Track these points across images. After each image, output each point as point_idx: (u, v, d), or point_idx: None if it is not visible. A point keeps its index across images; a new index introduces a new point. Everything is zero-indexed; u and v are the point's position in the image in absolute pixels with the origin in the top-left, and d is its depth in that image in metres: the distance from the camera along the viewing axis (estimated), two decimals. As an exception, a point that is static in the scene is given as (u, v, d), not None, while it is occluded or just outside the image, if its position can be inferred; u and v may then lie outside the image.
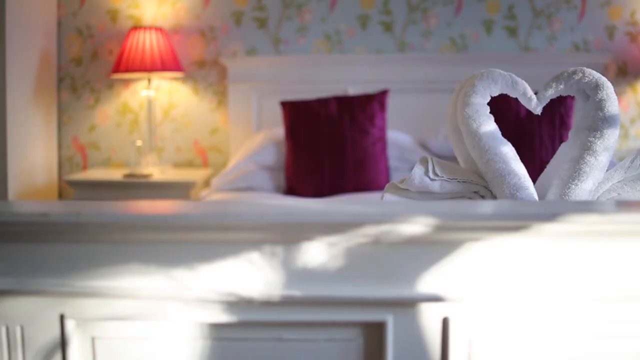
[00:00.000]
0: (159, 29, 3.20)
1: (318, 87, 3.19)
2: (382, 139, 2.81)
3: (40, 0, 3.25)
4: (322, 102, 2.82)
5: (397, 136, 2.98)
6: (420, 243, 0.93)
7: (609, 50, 3.42)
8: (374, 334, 0.97)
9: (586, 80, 1.28)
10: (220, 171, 3.31)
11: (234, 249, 0.95)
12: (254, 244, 0.95)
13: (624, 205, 1.02)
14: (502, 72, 1.36)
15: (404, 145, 2.93)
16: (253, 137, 3.16)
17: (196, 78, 3.42)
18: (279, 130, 3.00)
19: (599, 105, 1.28)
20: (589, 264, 0.94)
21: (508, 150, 1.31)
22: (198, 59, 3.42)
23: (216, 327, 0.97)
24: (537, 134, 2.78)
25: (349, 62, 3.33)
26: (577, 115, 1.34)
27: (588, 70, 1.30)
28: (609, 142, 1.27)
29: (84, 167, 3.50)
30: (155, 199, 2.98)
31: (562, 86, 1.34)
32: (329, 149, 2.73)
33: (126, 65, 3.10)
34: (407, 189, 1.35)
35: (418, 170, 1.34)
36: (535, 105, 1.37)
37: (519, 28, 3.40)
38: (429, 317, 0.96)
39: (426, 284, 0.95)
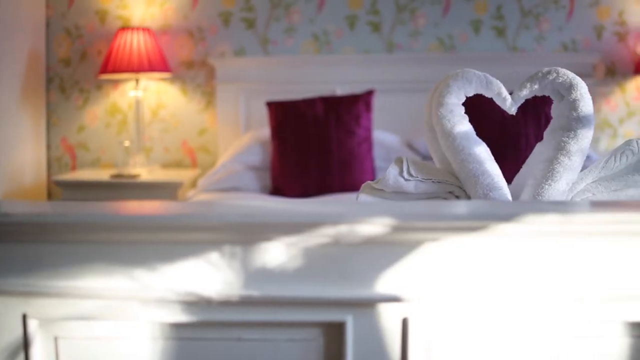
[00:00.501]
0: (146, 29, 3.20)
1: (306, 87, 3.19)
2: (368, 139, 2.82)
3: (28, 1, 3.25)
4: (308, 103, 2.82)
5: (384, 136, 2.99)
6: (379, 243, 0.94)
7: (598, 50, 3.43)
8: (334, 334, 0.97)
9: (560, 81, 1.27)
10: (208, 171, 3.31)
11: (194, 249, 0.95)
12: (213, 245, 0.95)
13: (583, 205, 1.02)
14: (476, 72, 1.36)
15: (390, 146, 2.94)
16: (241, 138, 3.16)
17: (184, 79, 3.43)
18: (265, 131, 3.01)
19: (573, 105, 1.28)
20: (544, 263, 0.94)
21: (482, 151, 1.31)
22: (186, 59, 3.42)
23: (177, 327, 0.98)
24: (523, 134, 2.78)
25: (337, 62, 3.33)
26: (553, 115, 1.35)
27: (562, 70, 1.30)
28: (582, 142, 1.28)
29: (73, 168, 3.50)
30: (143, 199, 2.98)
31: (536, 86, 1.34)
32: (315, 149, 2.74)
33: (114, 65, 3.10)
34: (382, 190, 1.36)
35: (392, 171, 1.35)
36: (509, 105, 1.37)
37: (507, 28, 3.41)
38: (389, 318, 0.96)
39: (385, 284, 0.95)
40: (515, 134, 2.79)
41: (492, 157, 1.34)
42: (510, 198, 1.29)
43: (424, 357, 0.98)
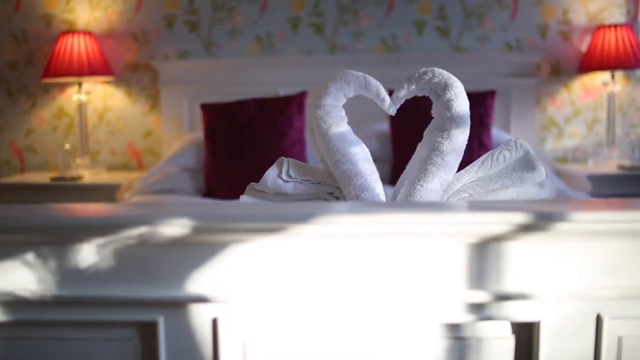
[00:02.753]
0: (88, 33, 3.22)
1: (250, 89, 3.20)
2: (301, 141, 2.83)
3: (-28, 6, 3.27)
4: (241, 105, 2.84)
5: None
6: (184, 245, 0.95)
7: (542, 49, 3.44)
8: (148, 334, 0.99)
9: (436, 80, 1.26)
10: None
11: (10, 250, 0.97)
12: (29, 246, 0.97)
13: (388, 206, 1.04)
14: (356, 73, 1.36)
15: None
16: (183, 140, 3.18)
17: (129, 82, 3.44)
18: (202, 133, 3.03)
19: (447, 105, 1.27)
20: (351, 264, 0.96)
21: (357, 152, 1.32)
22: (131, 62, 3.44)
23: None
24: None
25: (280, 64, 3.35)
26: (433, 116, 1.35)
27: (438, 70, 1.28)
28: (456, 142, 1.28)
29: (22, 171, 3.52)
30: (83, 201, 2.99)
31: (413, 87, 1.32)
32: (248, 150, 2.75)
33: (55, 69, 3.12)
34: (264, 191, 1.37)
35: (271, 172, 1.36)
36: (388, 106, 1.37)
37: (450, 28, 3.42)
38: (199, 318, 0.98)
39: (193, 285, 0.96)
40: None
41: (370, 158, 1.35)
42: (383, 198, 1.30)
43: (239, 357, 0.99)
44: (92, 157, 3.46)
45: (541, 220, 0.92)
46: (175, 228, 0.93)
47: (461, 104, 1.27)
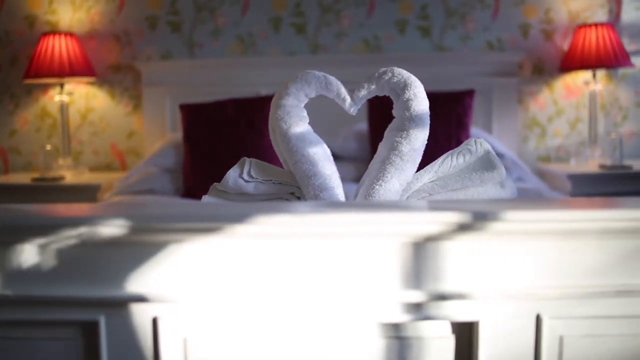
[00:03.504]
0: (69, 34, 3.22)
1: (232, 89, 3.21)
2: (279, 141, 2.83)
3: (-45, 7, 3.28)
4: (220, 105, 2.85)
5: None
6: (124, 245, 0.96)
7: (524, 48, 3.45)
8: (90, 333, 1.00)
9: (395, 80, 1.25)
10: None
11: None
12: (-27, 246, 0.98)
13: (324, 206, 1.04)
14: (316, 73, 1.37)
15: (304, 147, 2.95)
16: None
17: (112, 82, 3.45)
18: (181, 134, 3.03)
19: (406, 105, 1.27)
20: (282, 263, 0.96)
21: (317, 152, 1.32)
22: (113, 63, 3.44)
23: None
24: (432, 133, 2.79)
25: (262, 64, 3.36)
26: (394, 115, 1.34)
27: (398, 70, 1.28)
28: (415, 142, 1.27)
29: (6, 172, 3.53)
30: (64, 202, 3.00)
31: (373, 86, 1.32)
32: (226, 150, 2.76)
33: (36, 71, 3.13)
34: (226, 191, 1.37)
35: (232, 172, 1.37)
36: (349, 106, 1.37)
37: (432, 28, 3.43)
38: (139, 317, 0.99)
39: (133, 284, 0.97)
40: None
41: (331, 158, 1.35)
42: (342, 198, 1.30)
43: (180, 355, 1.00)
44: (75, 158, 3.47)
45: (476, 219, 0.93)
46: (113, 228, 0.94)
47: (420, 104, 1.26)
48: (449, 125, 2.85)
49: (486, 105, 3.35)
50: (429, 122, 1.30)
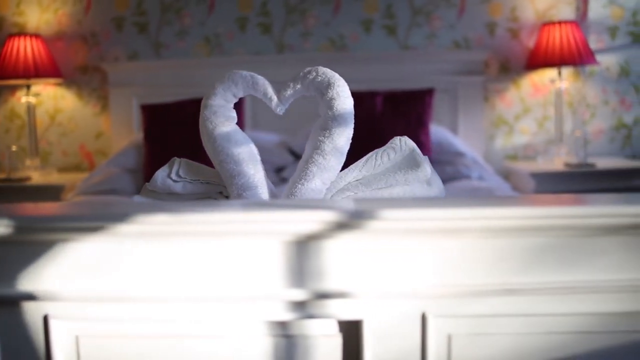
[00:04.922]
0: (35, 36, 3.24)
1: (198, 90, 3.19)
2: (239, 140, 2.84)
3: None
4: (180, 105, 2.86)
5: (259, 136, 3.01)
6: (13, 243, 0.97)
7: (490, 47, 3.46)
8: (-18, 332, 1.01)
9: (319, 79, 1.26)
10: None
11: None
12: None
13: (209, 206, 1.06)
14: (244, 73, 1.38)
15: (264, 146, 2.96)
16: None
17: (80, 83, 3.47)
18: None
19: (329, 104, 1.28)
20: (168, 262, 0.98)
21: (242, 151, 1.33)
22: (81, 64, 3.46)
23: None
24: (391, 131, 2.81)
25: (228, 64, 3.36)
26: (320, 114, 1.35)
27: (322, 69, 1.28)
28: (338, 141, 1.28)
29: (-24, 173, 3.54)
30: (30, 202, 3.01)
31: (299, 86, 1.33)
32: (186, 150, 2.76)
33: (1, 72, 3.15)
34: (155, 191, 1.39)
35: (161, 172, 1.38)
36: (275, 105, 1.38)
37: (398, 27, 3.44)
38: (30, 315, 1.00)
39: (23, 283, 0.99)
40: (384, 131, 2.81)
41: (257, 158, 1.36)
42: (265, 197, 1.31)
43: (71, 352, 1.02)
44: (44, 159, 3.49)
45: (352, 218, 0.94)
46: (-1, 228, 0.95)
47: (343, 103, 1.27)
48: (409, 123, 2.86)
49: (452, 104, 3.36)
50: (352, 120, 1.30)
